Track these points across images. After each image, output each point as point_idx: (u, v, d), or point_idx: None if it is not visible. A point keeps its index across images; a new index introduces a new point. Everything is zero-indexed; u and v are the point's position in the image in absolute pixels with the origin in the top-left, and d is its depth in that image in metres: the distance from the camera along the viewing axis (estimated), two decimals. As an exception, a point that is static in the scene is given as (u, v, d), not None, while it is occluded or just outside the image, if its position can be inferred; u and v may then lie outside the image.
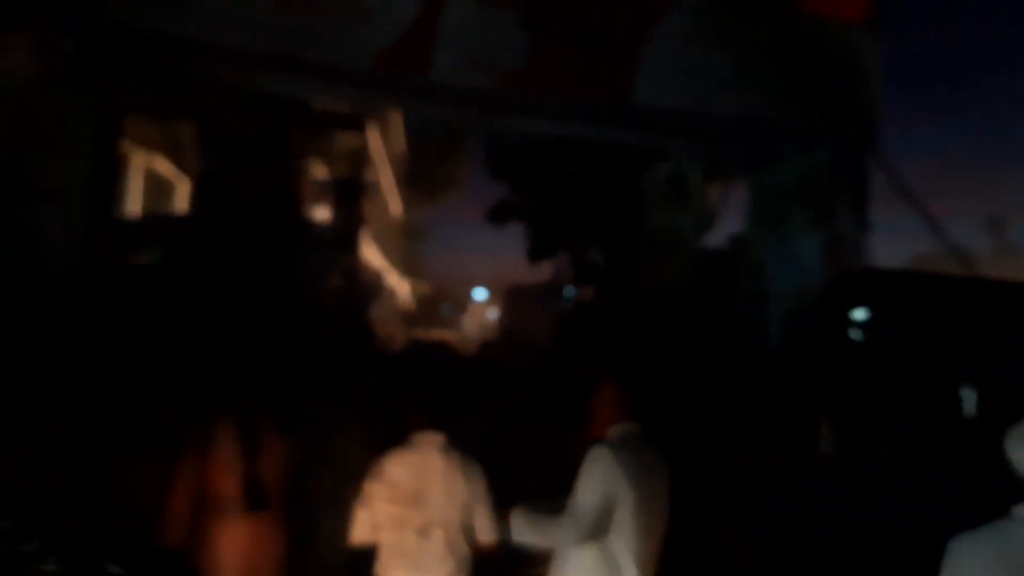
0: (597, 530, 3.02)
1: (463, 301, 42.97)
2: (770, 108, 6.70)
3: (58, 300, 4.95)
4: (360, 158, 15.47)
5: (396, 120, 18.75)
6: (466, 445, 3.45)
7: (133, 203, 11.94)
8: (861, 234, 7.02)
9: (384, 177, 20.26)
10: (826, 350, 6.39)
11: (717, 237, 10.11)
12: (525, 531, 3.18)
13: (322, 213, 13.65)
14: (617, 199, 11.82)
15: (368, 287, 17.00)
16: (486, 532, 3.32)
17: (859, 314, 7.28)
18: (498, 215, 15.70)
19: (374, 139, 16.86)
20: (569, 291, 15.60)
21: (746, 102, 6.50)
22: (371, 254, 18.99)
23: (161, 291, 7.54)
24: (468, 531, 3.33)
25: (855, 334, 7.04)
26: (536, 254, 15.27)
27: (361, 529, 3.35)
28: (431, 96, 6.43)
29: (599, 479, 3.03)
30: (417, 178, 24.25)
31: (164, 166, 12.35)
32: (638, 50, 6.06)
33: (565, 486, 3.18)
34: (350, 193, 14.01)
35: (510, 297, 26.05)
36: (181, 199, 12.69)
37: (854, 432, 3.34)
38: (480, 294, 40.58)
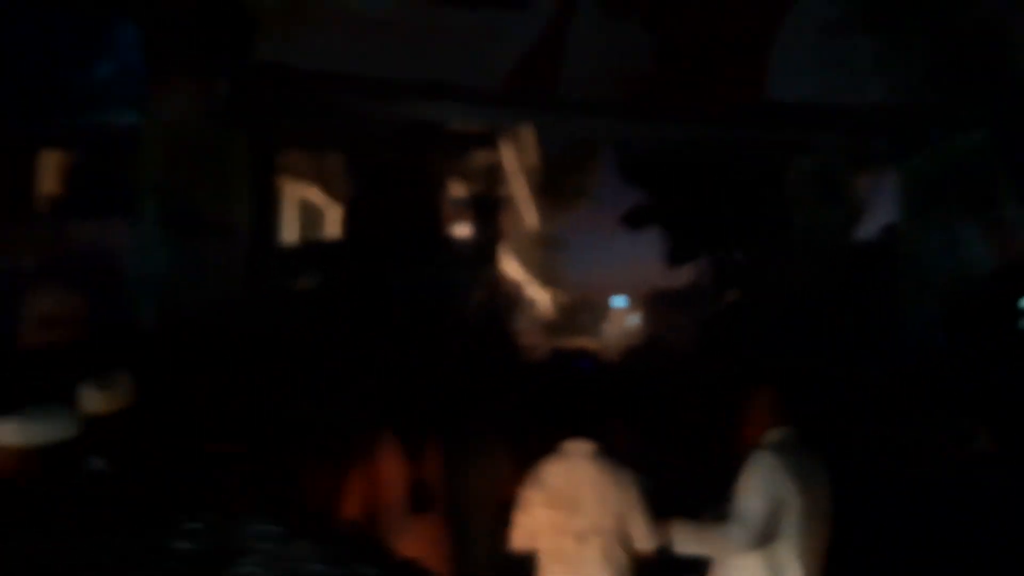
0: (766, 537, 2.98)
1: (602, 309, 42.86)
2: (917, 91, 6.37)
3: (227, 326, 5.36)
4: (495, 173, 15.80)
5: (528, 134, 18.99)
6: (619, 453, 3.48)
7: (288, 231, 12.69)
8: (1026, 216, 6.56)
9: (519, 190, 20.57)
10: (992, 344, 6.00)
11: (868, 230, 9.69)
12: (688, 541, 3.17)
13: (461, 230, 14.03)
14: (759, 197, 11.51)
15: (509, 299, 17.32)
16: (643, 540, 3.32)
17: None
18: (634, 220, 15.60)
19: (507, 154, 17.17)
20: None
21: (891, 87, 6.21)
22: (510, 267, 19.33)
23: (318, 313, 8.00)
24: (624, 539, 3.33)
25: (1025, 324, 6.57)
26: (676, 258, 15.07)
27: (521, 535, 3.44)
28: (562, 110, 6.52)
29: (765, 484, 3.00)
30: (551, 189, 24.45)
31: (315, 194, 13.04)
32: (768, 45, 5.92)
33: (718, 494, 3.17)
34: (487, 209, 14.34)
35: (651, 302, 25.77)
36: (332, 225, 13.35)
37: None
38: (620, 301, 40.40)
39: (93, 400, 2.60)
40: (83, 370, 3.46)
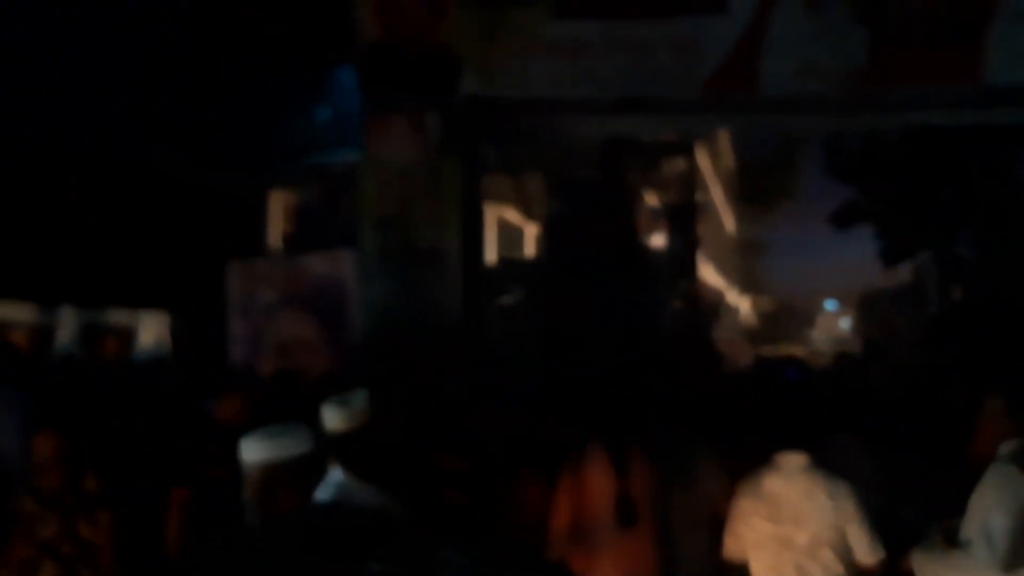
0: (1017, 556, 2.76)
1: (809, 313, 40.93)
2: None
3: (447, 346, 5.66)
4: (690, 181, 15.59)
5: (724, 138, 18.61)
6: (835, 465, 3.38)
7: (490, 251, 13.18)
8: None
9: (715, 196, 20.14)
10: None
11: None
12: (928, 565, 2.99)
13: (658, 240, 13.94)
14: (982, 187, 10.58)
15: (709, 308, 16.96)
16: (864, 553, 3.24)
17: None
18: (843, 219, 14.81)
19: (703, 160, 16.89)
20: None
21: None
22: (709, 274, 18.94)
23: (523, 330, 8.25)
24: (844, 552, 3.26)
25: None
26: (892, 256, 14.14)
27: (736, 545, 3.43)
28: (763, 111, 6.35)
29: (1009, 499, 2.77)
30: (749, 193, 23.75)
31: (513, 215, 13.47)
32: (985, 26, 5.46)
33: (949, 510, 2.96)
34: (683, 217, 14.18)
35: (865, 305, 24.24)
36: (528, 244, 13.72)
37: None
38: (831, 304, 38.41)
39: (334, 418, 2.81)
40: (325, 390, 3.79)
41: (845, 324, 33.01)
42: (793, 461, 3.36)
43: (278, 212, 9.06)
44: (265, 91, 8.41)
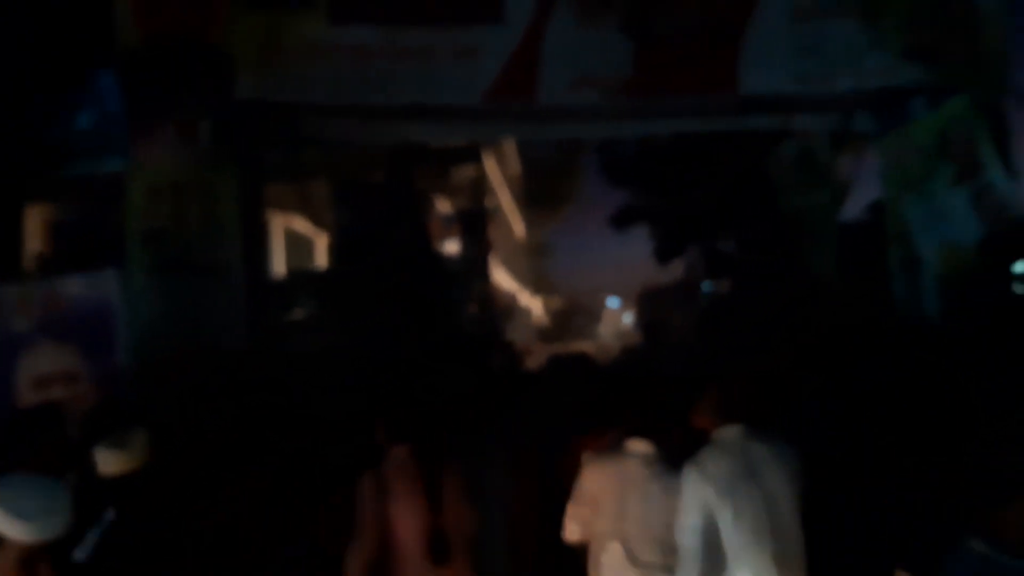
0: (710, 549, 2.96)
1: (596, 311, 42.97)
2: (895, 69, 6.43)
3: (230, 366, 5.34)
4: (480, 187, 15.88)
5: (510, 145, 19.10)
6: (674, 457, 3.41)
7: (277, 263, 12.68)
8: (1012, 183, 6.60)
9: (504, 201, 20.64)
10: (989, 312, 6.03)
11: (855, 209, 9.76)
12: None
13: (451, 245, 14.07)
14: (744, 185, 11.58)
15: (503, 310, 17.35)
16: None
17: (1021, 266, 6.83)
18: (621, 220, 15.69)
19: (491, 166, 17.24)
20: (706, 286, 15.34)
21: (867, 68, 6.26)
22: (502, 278, 19.36)
23: (317, 342, 7.98)
24: (668, 545, 3.27)
25: (1021, 288, 6.60)
26: (665, 254, 15.15)
27: (575, 526, 3.43)
28: (541, 119, 6.56)
29: (695, 500, 2.99)
30: (535, 197, 24.56)
31: (301, 224, 13.06)
32: (740, 36, 5.97)
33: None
34: (475, 222, 14.41)
35: (644, 300, 25.81)
36: (320, 253, 13.37)
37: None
38: (613, 302, 40.54)
39: (109, 461, 2.57)
40: (94, 427, 3.42)
41: (628, 319, 34.95)
42: (639, 448, 3.40)
43: (33, 230, 8.19)
44: (14, 95, 7.56)
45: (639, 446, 3.40)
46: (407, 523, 3.36)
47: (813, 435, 3.80)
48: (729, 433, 3.12)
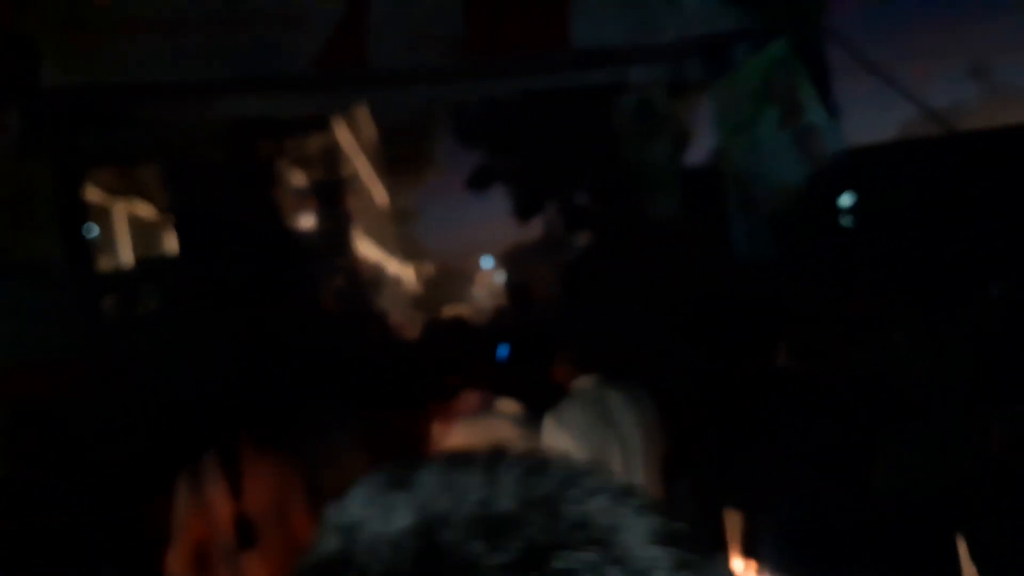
0: None
1: (470, 273, 43.11)
2: (717, 15, 6.64)
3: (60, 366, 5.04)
4: (333, 156, 15.48)
5: (362, 111, 18.64)
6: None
7: (124, 253, 12.02)
8: (832, 120, 6.99)
9: (362, 169, 20.24)
10: (817, 247, 6.41)
11: (696, 155, 10.12)
12: None
13: (307, 219, 13.70)
14: (591, 139, 11.77)
15: (370, 281, 17.10)
16: None
17: (845, 200, 7.28)
18: (478, 181, 15.69)
19: (343, 134, 16.83)
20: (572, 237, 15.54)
21: (691, 16, 6.45)
22: (366, 248, 19.06)
23: (166, 335, 7.63)
24: None
25: (846, 221, 7.05)
26: (524, 211, 15.29)
27: None
28: (377, 83, 6.43)
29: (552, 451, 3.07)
30: (395, 162, 24.19)
31: (145, 210, 12.40)
32: (568, -8, 6.03)
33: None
34: (331, 193, 14.06)
35: (511, 258, 26.08)
36: (170, 240, 12.77)
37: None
38: (486, 262, 40.73)
39: None
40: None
41: (500, 279, 35.24)
42: (508, 407, 3.37)
43: None
44: None
45: (508, 406, 3.40)
46: (217, 512, 3.28)
47: (669, 375, 3.96)
48: (585, 383, 3.20)
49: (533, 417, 3.35)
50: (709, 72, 7.28)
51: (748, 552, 3.08)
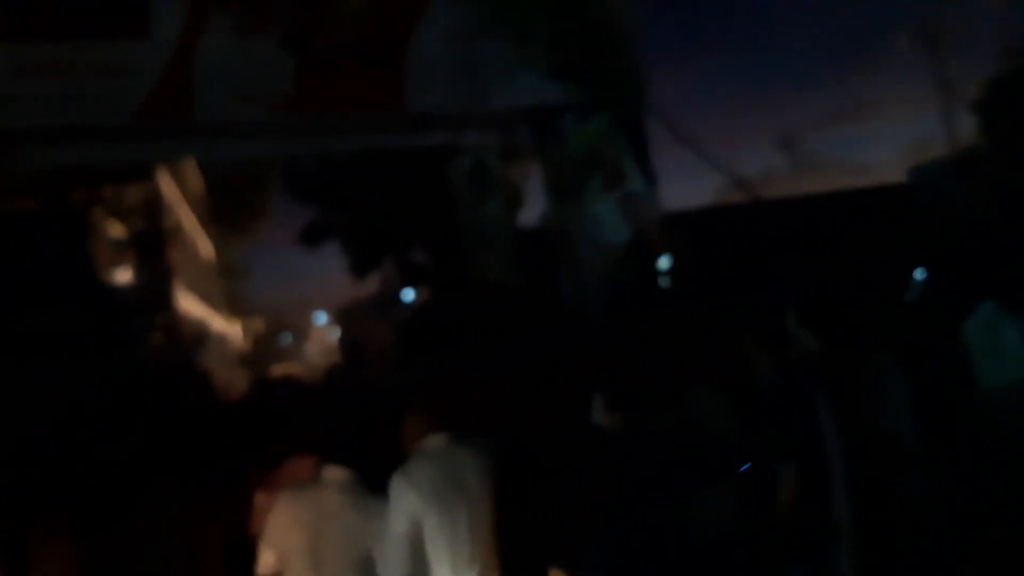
0: (415, 549, 3.07)
1: (303, 329, 41.92)
2: (544, 87, 6.98)
3: None
4: (155, 207, 14.77)
5: (188, 162, 17.92)
6: (374, 481, 3.33)
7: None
8: (651, 188, 7.47)
9: (187, 221, 19.41)
10: (641, 304, 6.77)
11: (528, 216, 10.45)
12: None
13: (125, 273, 12.90)
14: (427, 198, 11.91)
15: (193, 338, 16.26)
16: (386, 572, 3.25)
17: (664, 262, 7.74)
18: (311, 236, 15.42)
19: (167, 185, 16.12)
20: (407, 294, 15.55)
21: (520, 86, 6.74)
22: (189, 303, 18.17)
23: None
24: (370, 569, 3.24)
25: (664, 282, 7.49)
26: (360, 267, 15.15)
27: (269, 556, 3.26)
28: (202, 136, 6.25)
29: (402, 509, 3.10)
30: (223, 215, 23.34)
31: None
32: (403, 56, 6.16)
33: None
34: (151, 246, 13.35)
35: (347, 315, 25.64)
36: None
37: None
38: (320, 318, 39.71)
39: None
40: None
41: (335, 335, 34.49)
42: (336, 475, 3.29)
43: None
44: None
45: (334, 473, 3.32)
46: None
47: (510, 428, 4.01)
48: (434, 442, 3.20)
49: (361, 484, 3.31)
50: (538, 140, 7.61)
51: None
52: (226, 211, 22.92)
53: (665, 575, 3.11)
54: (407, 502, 3.07)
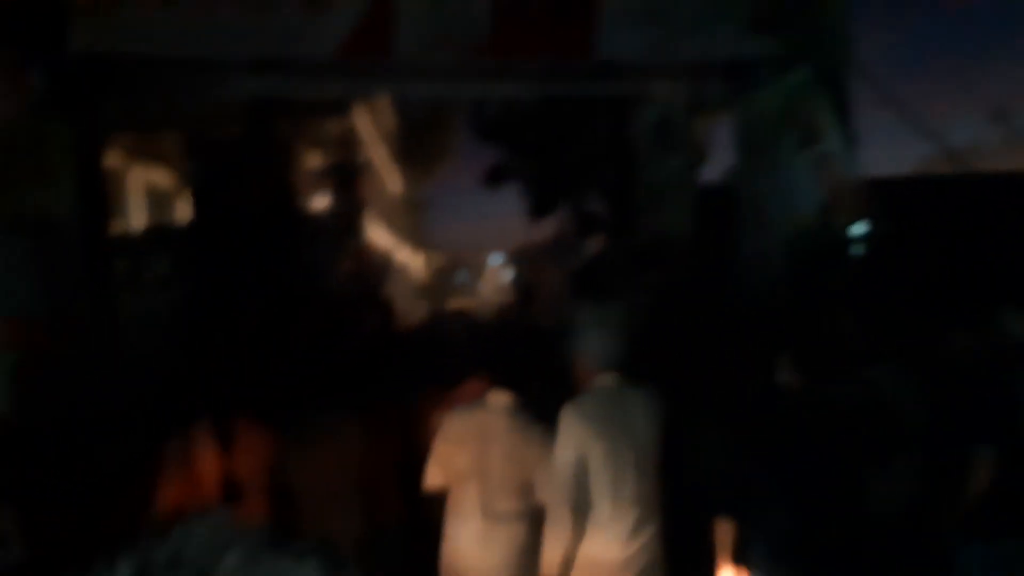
0: (578, 485, 3.13)
1: (479, 268, 43.13)
2: (741, 40, 6.66)
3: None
4: (351, 141, 15.52)
5: (383, 100, 18.67)
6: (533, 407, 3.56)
7: (137, 218, 12.10)
8: (849, 150, 7.01)
9: (378, 156, 20.29)
10: (826, 273, 6.43)
11: (713, 173, 10.13)
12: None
13: (321, 201, 13.73)
14: (608, 149, 11.79)
15: (379, 267, 17.14)
16: (544, 493, 3.44)
17: (858, 229, 7.29)
18: (493, 178, 15.69)
19: (362, 121, 16.87)
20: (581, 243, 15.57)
21: (715, 38, 6.47)
22: (377, 234, 19.11)
23: (169, 302, 7.71)
24: (528, 489, 3.43)
25: (856, 250, 7.06)
26: (537, 211, 15.29)
27: (436, 472, 3.52)
28: (399, 77, 6.46)
29: (566, 438, 3.16)
30: (411, 153, 24.22)
31: (162, 177, 12.47)
32: (596, 3, 6.05)
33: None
34: (345, 177, 14.07)
35: (521, 257, 26.06)
36: (183, 209, 12.83)
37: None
38: (495, 259, 40.73)
39: None
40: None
41: (507, 276, 35.22)
42: (500, 399, 3.50)
43: None
44: None
45: (500, 398, 3.50)
46: (205, 472, 3.45)
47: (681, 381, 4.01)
48: (606, 381, 3.28)
49: (524, 410, 3.48)
50: (730, 92, 7.30)
51: (738, 561, 3.16)
52: (415, 149, 23.79)
53: (835, 544, 3.02)
54: (575, 433, 3.17)
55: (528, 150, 14.21)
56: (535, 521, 3.38)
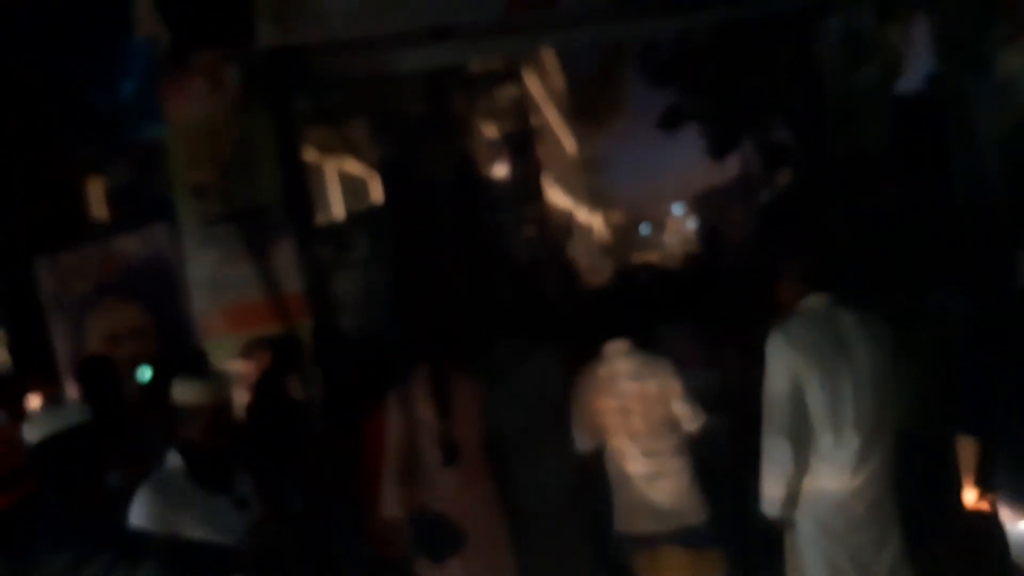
0: (796, 414, 2.97)
1: (660, 219, 42.47)
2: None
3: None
4: (523, 105, 15.67)
5: (550, 59, 18.70)
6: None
7: (336, 207, 12.85)
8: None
9: (551, 117, 20.36)
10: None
11: (909, 83, 9.32)
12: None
13: (500, 169, 13.98)
14: (791, 71, 11.13)
15: (561, 229, 17.29)
16: (688, 420, 3.53)
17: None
18: (669, 120, 15.26)
19: (533, 84, 16.97)
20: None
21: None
22: (557, 197, 19.26)
23: (375, 276, 8.15)
24: (673, 421, 3.51)
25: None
26: (719, 150, 14.77)
27: (584, 433, 3.62)
28: (570, 25, 6.37)
29: (777, 363, 3.01)
30: (584, 111, 24.11)
31: (353, 166, 13.15)
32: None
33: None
34: (521, 143, 14.28)
35: (704, 203, 25.33)
36: (374, 193, 13.49)
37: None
38: (678, 208, 39.95)
39: (186, 391, 2.56)
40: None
41: (692, 224, 34.44)
42: (617, 348, 3.55)
43: (88, 198, 8.46)
44: (62, 72, 7.70)
45: (617, 347, 3.55)
46: (424, 431, 3.57)
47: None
48: (815, 302, 3.09)
49: (641, 351, 3.58)
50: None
51: (982, 483, 2.88)
52: (587, 107, 23.66)
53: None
54: (786, 361, 3.00)
55: (704, 87, 13.69)
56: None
